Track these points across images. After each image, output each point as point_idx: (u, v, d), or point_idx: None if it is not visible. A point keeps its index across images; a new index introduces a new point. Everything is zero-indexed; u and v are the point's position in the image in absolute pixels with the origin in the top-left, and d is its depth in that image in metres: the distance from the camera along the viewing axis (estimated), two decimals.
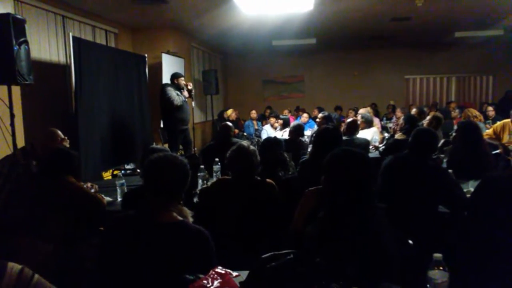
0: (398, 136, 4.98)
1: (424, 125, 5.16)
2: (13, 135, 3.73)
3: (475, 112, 6.35)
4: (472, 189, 3.07)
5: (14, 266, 1.26)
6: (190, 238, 1.76)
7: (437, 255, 1.52)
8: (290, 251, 1.57)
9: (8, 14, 3.52)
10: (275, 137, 4.71)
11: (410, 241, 2.10)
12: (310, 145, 5.47)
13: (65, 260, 2.79)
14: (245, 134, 9.28)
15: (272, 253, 1.57)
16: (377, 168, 3.03)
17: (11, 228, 2.74)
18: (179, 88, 6.55)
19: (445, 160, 4.03)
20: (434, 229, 2.70)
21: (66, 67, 5.79)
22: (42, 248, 2.77)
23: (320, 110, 9.07)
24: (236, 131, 8.33)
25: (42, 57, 5.40)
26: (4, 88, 3.71)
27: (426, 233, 2.58)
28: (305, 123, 7.92)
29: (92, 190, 3.49)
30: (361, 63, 12.47)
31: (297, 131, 5.56)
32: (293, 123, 6.46)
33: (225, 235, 2.57)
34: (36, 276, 1.28)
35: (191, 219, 1.90)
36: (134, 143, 6.52)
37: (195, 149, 7.72)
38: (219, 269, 1.61)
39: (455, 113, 7.90)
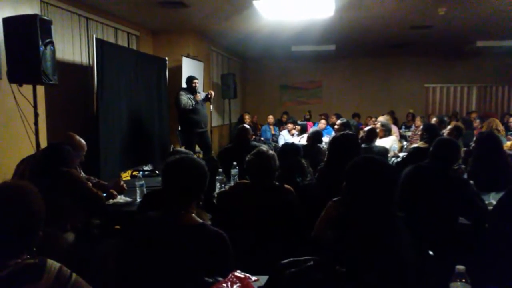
0: (420, 144, 4.91)
1: (445, 134, 5.09)
2: (36, 134, 3.79)
3: (500, 125, 6.22)
4: (493, 201, 3.01)
5: (53, 264, 1.27)
6: (209, 241, 1.76)
7: (460, 267, 1.50)
8: (310, 258, 1.57)
9: (35, 15, 3.59)
10: (293, 143, 4.70)
11: (431, 252, 2.07)
12: None
13: (86, 256, 2.80)
14: (262, 138, 9.29)
15: (291, 259, 1.57)
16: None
17: None
18: (192, 91, 6.60)
19: (467, 171, 3.96)
20: (455, 241, 2.66)
21: (89, 68, 5.88)
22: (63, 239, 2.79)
23: (338, 117, 9.02)
24: (253, 136, 8.34)
25: (65, 58, 5.49)
26: (29, 87, 3.77)
27: (446, 244, 2.54)
28: (323, 130, 7.88)
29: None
30: (380, 70, 12.36)
31: (315, 137, 5.54)
32: (311, 129, 6.43)
33: (242, 239, 2.57)
34: (74, 275, 1.29)
35: (208, 222, 1.91)
36: (152, 145, 6.60)
37: (213, 152, 7.76)
38: (238, 273, 1.61)
39: (475, 123, 7.77)
